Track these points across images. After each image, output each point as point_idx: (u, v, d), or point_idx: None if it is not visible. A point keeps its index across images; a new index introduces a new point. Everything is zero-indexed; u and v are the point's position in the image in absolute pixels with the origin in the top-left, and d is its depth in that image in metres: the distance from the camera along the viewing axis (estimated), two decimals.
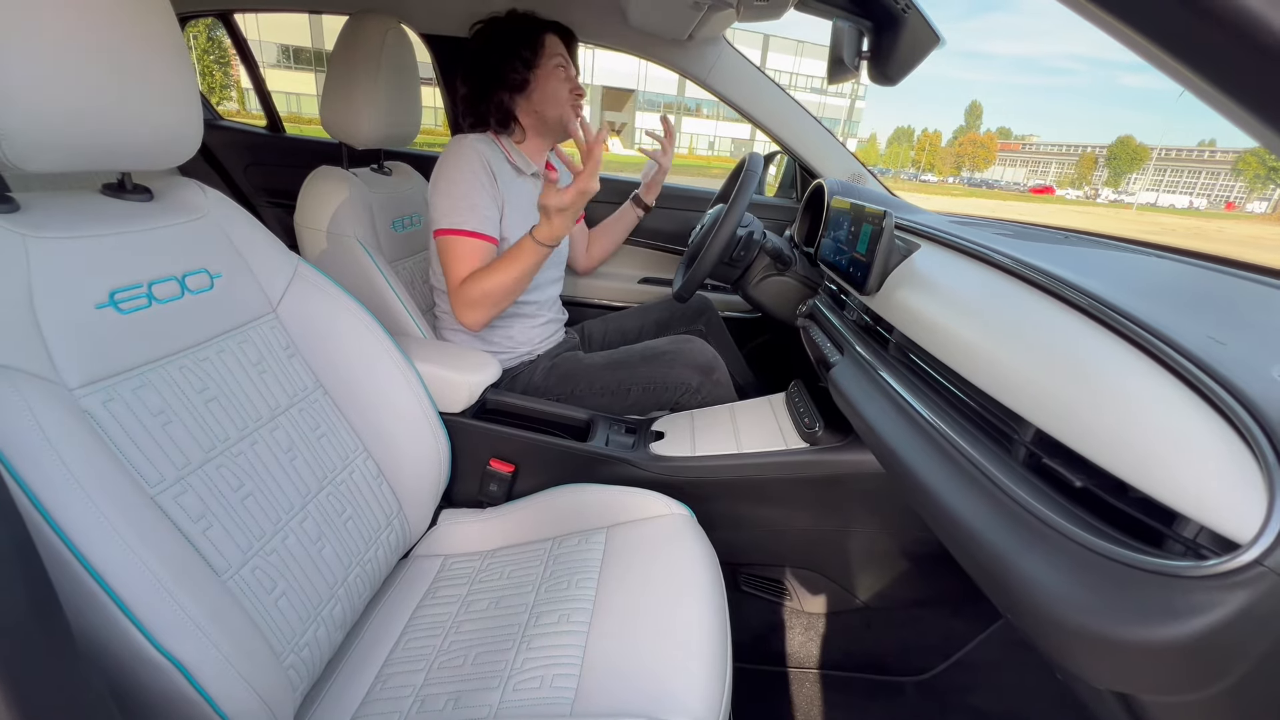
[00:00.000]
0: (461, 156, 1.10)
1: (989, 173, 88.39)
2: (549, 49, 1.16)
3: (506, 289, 1.06)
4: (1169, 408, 0.39)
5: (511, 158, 1.19)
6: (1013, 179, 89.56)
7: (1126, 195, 79.45)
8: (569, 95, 1.18)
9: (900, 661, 1.05)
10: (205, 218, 0.71)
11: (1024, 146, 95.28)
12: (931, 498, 0.57)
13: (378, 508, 0.83)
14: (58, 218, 0.57)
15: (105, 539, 0.46)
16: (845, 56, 0.96)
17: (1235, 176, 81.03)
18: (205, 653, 0.49)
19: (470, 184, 1.09)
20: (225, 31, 1.92)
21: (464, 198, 1.08)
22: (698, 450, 1.01)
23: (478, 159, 1.10)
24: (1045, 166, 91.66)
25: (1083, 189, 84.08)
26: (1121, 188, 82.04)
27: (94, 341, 0.55)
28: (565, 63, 1.18)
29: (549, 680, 0.66)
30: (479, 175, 1.09)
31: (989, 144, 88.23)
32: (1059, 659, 0.41)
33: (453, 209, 1.08)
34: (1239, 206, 79.30)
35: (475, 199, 1.08)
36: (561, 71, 1.17)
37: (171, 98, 0.61)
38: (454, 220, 1.07)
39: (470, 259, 1.07)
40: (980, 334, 0.61)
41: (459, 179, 1.09)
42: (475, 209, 1.08)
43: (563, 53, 1.18)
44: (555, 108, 1.18)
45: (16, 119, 0.49)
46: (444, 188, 1.09)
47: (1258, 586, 0.31)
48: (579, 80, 1.21)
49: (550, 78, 1.16)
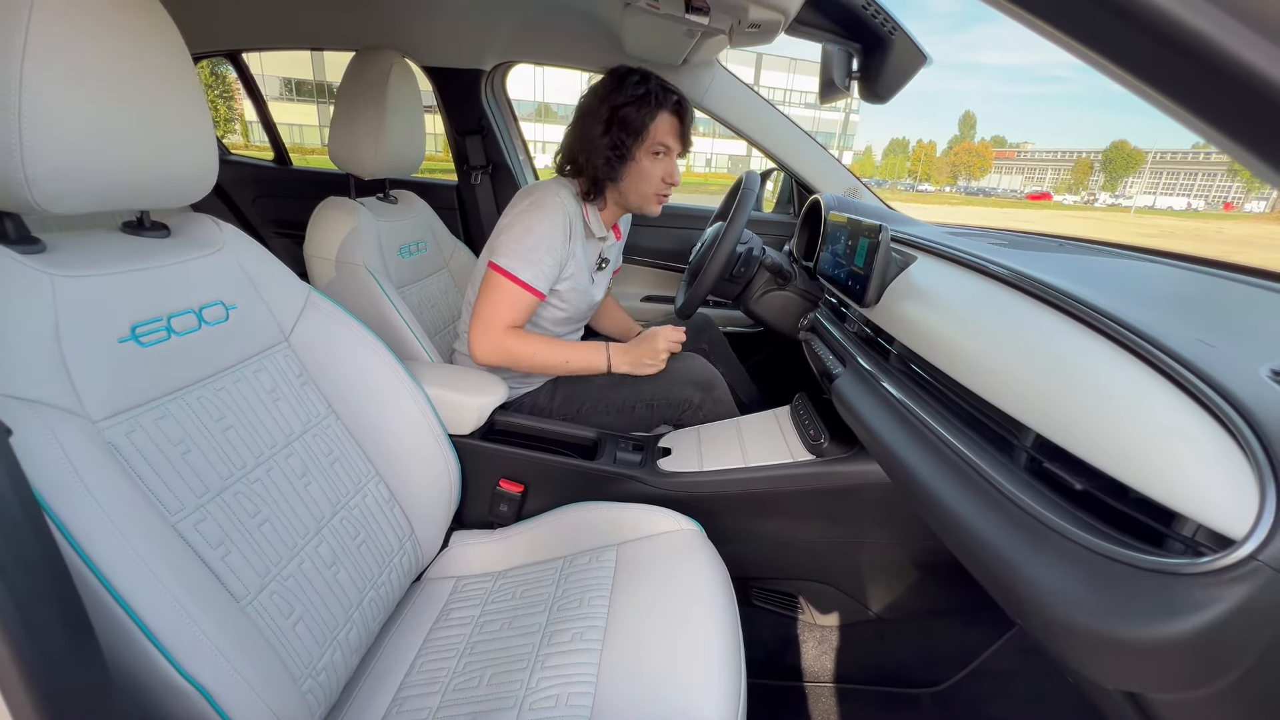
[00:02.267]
0: (550, 211, 1.10)
1: (985, 181, 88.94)
2: (654, 134, 1.11)
3: (537, 368, 1.13)
4: (1161, 409, 0.40)
5: (589, 219, 1.19)
6: (1009, 186, 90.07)
7: (1124, 199, 79.74)
8: (659, 183, 1.15)
9: (915, 673, 1.05)
10: (220, 251, 0.73)
11: (1019, 154, 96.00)
12: (937, 505, 0.58)
13: (390, 531, 0.84)
14: (82, 256, 0.59)
15: (131, 567, 0.47)
16: (836, 78, 0.99)
17: (1232, 177, 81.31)
18: (227, 677, 0.50)
19: (547, 241, 1.09)
20: (229, 66, 1.98)
21: (533, 250, 1.09)
22: (705, 465, 1.02)
23: (563, 218, 1.11)
24: (1041, 173, 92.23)
25: (1080, 194, 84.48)
26: (1119, 191, 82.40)
27: (117, 375, 0.57)
28: (668, 150, 1.14)
29: (564, 699, 0.67)
30: (557, 235, 1.10)
31: (984, 152, 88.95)
32: (1067, 661, 0.42)
33: (518, 253, 1.08)
34: (1237, 206, 79.45)
35: (543, 255, 1.09)
36: (660, 159, 1.14)
37: (189, 138, 0.64)
38: (514, 265, 1.08)
39: (513, 307, 1.09)
40: (978, 342, 0.62)
41: (538, 230, 1.09)
42: (539, 264, 1.09)
43: (668, 138, 1.13)
44: (638, 194, 1.17)
45: (45, 166, 0.52)
46: (520, 231, 1.10)
47: (1254, 581, 0.32)
48: (677, 167, 1.17)
49: (644, 161, 1.13)
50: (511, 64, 1.77)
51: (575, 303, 1.23)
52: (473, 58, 1.67)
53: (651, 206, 1.18)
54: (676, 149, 1.15)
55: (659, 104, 1.10)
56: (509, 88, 1.86)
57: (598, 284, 1.28)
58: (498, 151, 1.79)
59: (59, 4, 0.51)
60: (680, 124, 1.13)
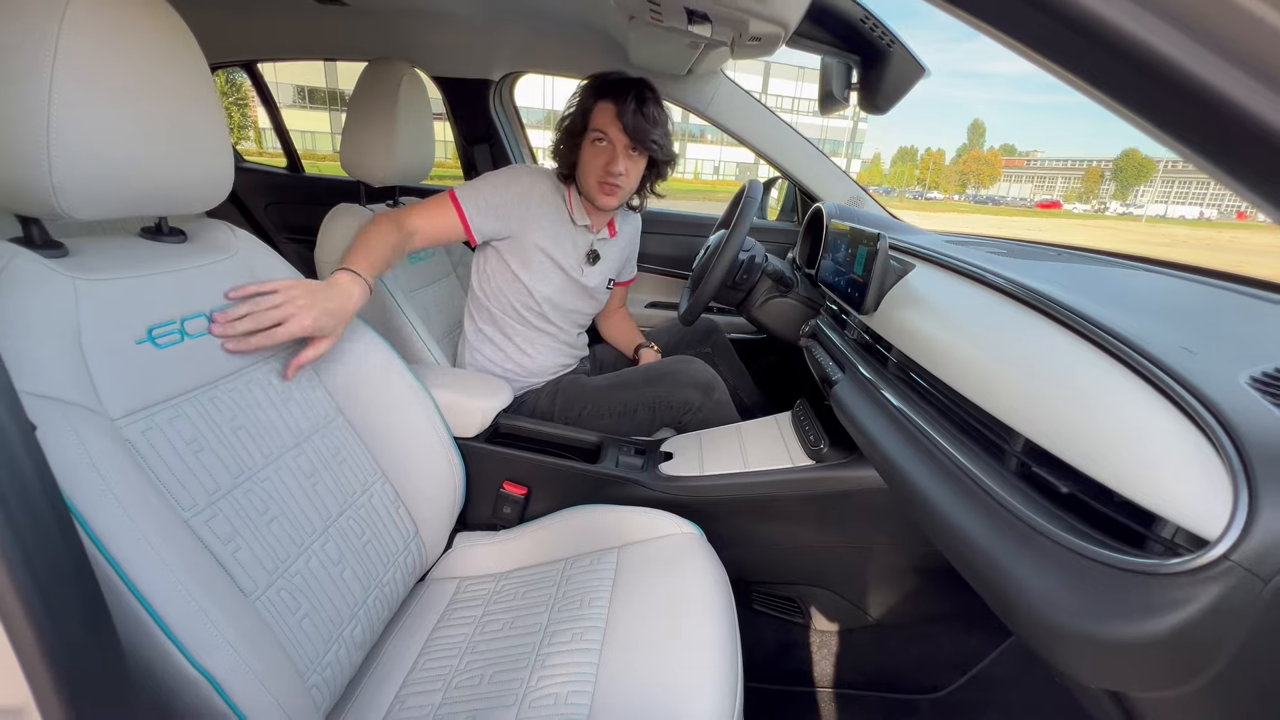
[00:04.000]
0: (516, 175, 1.21)
1: (994, 189, 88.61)
2: (593, 122, 1.15)
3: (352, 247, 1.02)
4: (1143, 414, 0.41)
5: (571, 207, 1.25)
6: (1019, 195, 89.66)
7: (1135, 208, 79.17)
8: (601, 171, 1.16)
9: (914, 679, 1.05)
10: (234, 257, 0.75)
11: (1028, 162, 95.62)
12: (930, 509, 0.59)
13: (395, 531, 0.86)
14: (102, 260, 0.61)
15: (147, 561, 0.49)
16: (835, 89, 1.01)
17: None
18: (237, 669, 0.52)
19: (500, 191, 1.17)
20: (243, 74, 2.02)
21: (479, 187, 1.17)
22: (706, 470, 1.03)
23: (528, 185, 1.19)
24: (1051, 181, 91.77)
25: (1090, 203, 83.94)
26: (1130, 200, 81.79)
27: (134, 375, 0.59)
28: (606, 139, 1.15)
29: (564, 698, 0.68)
30: (512, 191, 1.18)
31: (993, 161, 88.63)
32: (1051, 659, 0.43)
33: (468, 185, 1.18)
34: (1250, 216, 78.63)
35: (488, 195, 1.16)
36: (602, 149, 1.15)
37: (206, 147, 0.66)
38: (462, 192, 1.16)
39: (424, 211, 1.12)
40: (972, 349, 0.64)
41: (494, 180, 1.19)
42: (478, 195, 1.15)
43: (606, 126, 1.14)
44: (586, 185, 1.20)
45: (72, 174, 0.54)
46: (478, 179, 1.20)
47: (1228, 580, 0.33)
48: (622, 160, 1.15)
49: (586, 150, 1.18)
50: (519, 74, 1.81)
51: (559, 285, 1.26)
52: (481, 68, 1.71)
53: (598, 197, 1.19)
54: (620, 140, 1.14)
55: (597, 93, 1.15)
56: (517, 96, 1.89)
57: (589, 276, 1.30)
58: (505, 159, 1.82)
59: (87, 21, 0.53)
60: (617, 111, 1.12)
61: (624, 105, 1.11)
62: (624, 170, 1.15)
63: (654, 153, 1.18)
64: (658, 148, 1.17)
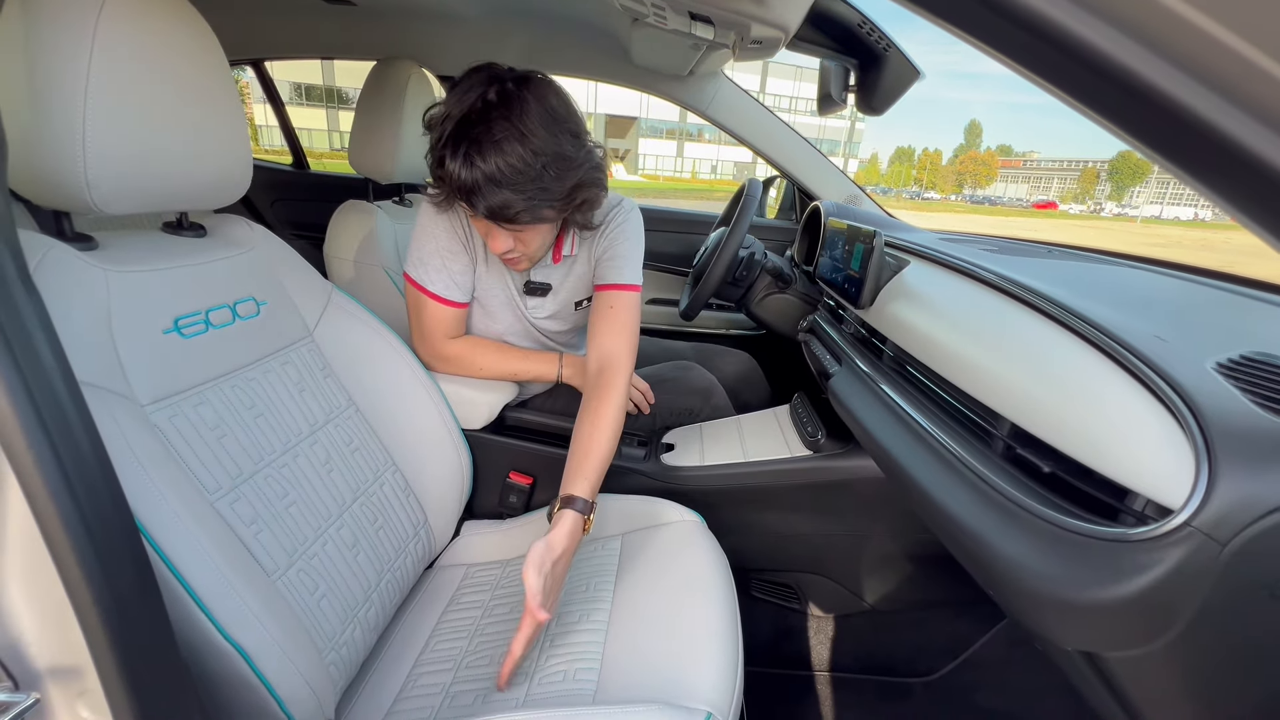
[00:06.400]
0: (428, 206, 0.96)
1: (991, 189, 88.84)
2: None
3: (487, 375, 1.04)
4: (1118, 396, 0.44)
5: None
6: (1015, 195, 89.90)
7: (1130, 209, 79.50)
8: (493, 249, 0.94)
9: (908, 663, 1.08)
10: (252, 251, 0.78)
11: (1025, 163, 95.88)
12: (923, 493, 0.62)
13: (406, 518, 0.88)
14: (130, 253, 0.64)
15: (181, 538, 0.52)
16: (833, 90, 1.04)
17: None
18: (264, 643, 0.55)
19: (438, 242, 0.98)
20: (239, 72, 2.04)
21: (431, 255, 0.98)
22: (706, 460, 1.06)
23: (444, 219, 0.98)
24: (1047, 182, 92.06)
25: (1086, 203, 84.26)
26: (1125, 201, 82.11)
27: (162, 363, 0.62)
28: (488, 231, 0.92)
29: (572, 674, 0.71)
30: (440, 232, 0.98)
31: (990, 161, 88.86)
32: (1030, 625, 0.46)
33: (421, 259, 0.99)
34: None
35: (446, 260, 0.98)
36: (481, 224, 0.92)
37: (228, 145, 0.69)
38: (420, 274, 0.99)
39: (434, 318, 1.01)
40: (961, 340, 0.67)
41: (426, 227, 0.98)
42: (443, 270, 0.98)
43: (473, 220, 0.93)
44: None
45: (105, 171, 0.56)
46: (418, 231, 1.00)
47: (1189, 544, 0.36)
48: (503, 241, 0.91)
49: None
50: None
51: (509, 324, 1.09)
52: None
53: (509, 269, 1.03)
54: (492, 227, 0.89)
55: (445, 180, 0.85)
56: None
57: (541, 308, 1.09)
58: None
59: (121, 22, 0.56)
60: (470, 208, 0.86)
61: (474, 199, 0.83)
62: (513, 245, 0.93)
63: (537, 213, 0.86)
64: (537, 204, 0.84)
